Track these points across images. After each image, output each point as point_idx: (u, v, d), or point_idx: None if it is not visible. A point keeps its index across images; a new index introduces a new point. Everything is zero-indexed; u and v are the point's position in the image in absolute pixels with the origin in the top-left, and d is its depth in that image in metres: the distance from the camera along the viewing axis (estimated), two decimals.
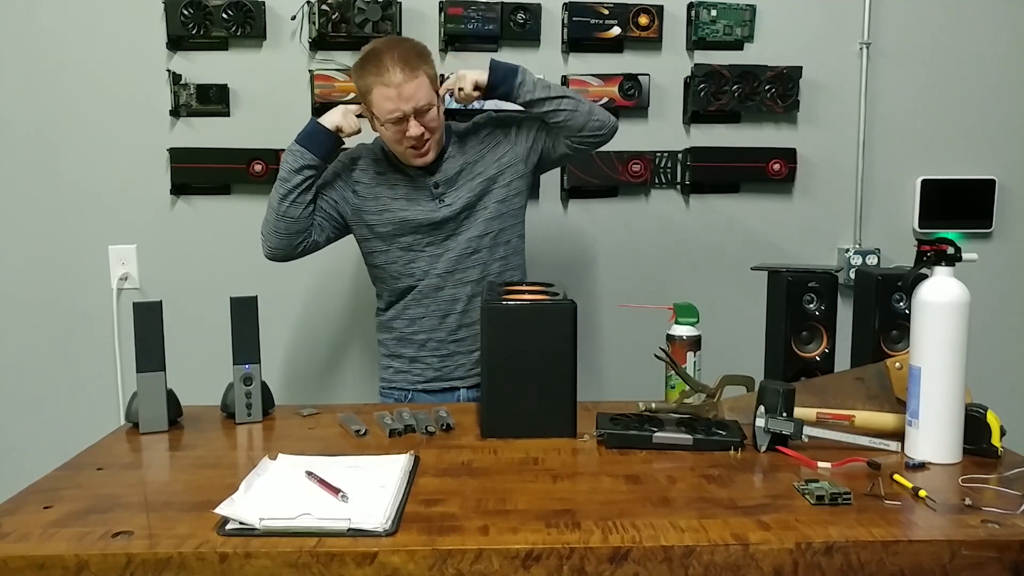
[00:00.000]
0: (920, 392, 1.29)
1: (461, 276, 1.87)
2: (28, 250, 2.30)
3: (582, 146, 1.86)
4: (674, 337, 1.65)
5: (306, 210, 1.82)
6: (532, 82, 1.81)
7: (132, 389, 1.53)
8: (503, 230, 1.89)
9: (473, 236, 1.86)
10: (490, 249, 1.88)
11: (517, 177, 1.89)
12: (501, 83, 1.81)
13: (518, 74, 1.81)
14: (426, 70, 1.78)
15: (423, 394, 1.92)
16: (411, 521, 1.09)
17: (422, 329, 1.90)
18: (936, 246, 1.31)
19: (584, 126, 1.82)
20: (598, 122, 1.82)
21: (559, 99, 1.81)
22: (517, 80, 1.80)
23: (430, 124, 1.78)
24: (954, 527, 1.07)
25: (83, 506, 1.15)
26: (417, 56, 1.77)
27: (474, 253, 1.87)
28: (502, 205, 1.88)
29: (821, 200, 2.41)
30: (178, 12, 2.20)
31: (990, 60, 2.39)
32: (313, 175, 1.82)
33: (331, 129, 1.81)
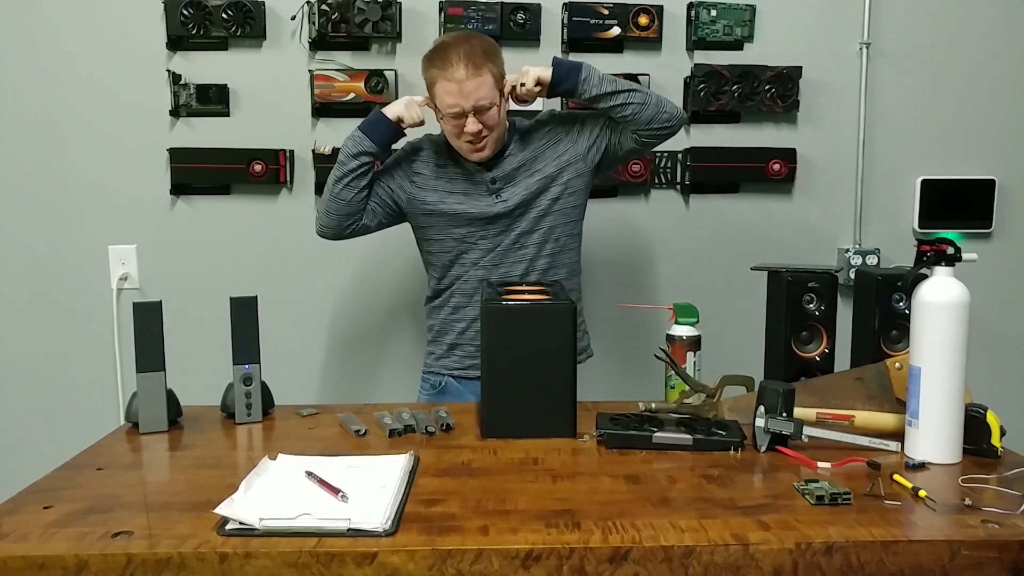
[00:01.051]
0: (920, 392, 1.29)
1: (506, 270, 1.89)
2: (28, 250, 2.30)
3: (651, 139, 1.85)
4: (674, 337, 1.65)
5: (359, 194, 1.85)
6: (598, 77, 1.81)
7: (132, 389, 1.53)
8: (554, 227, 1.89)
9: (523, 231, 1.88)
10: (538, 245, 1.89)
11: (575, 176, 1.89)
12: (565, 79, 1.81)
13: (582, 70, 1.81)
14: (491, 68, 1.79)
15: (455, 381, 1.96)
16: (411, 521, 1.09)
17: (464, 318, 1.93)
18: (936, 246, 1.31)
19: (653, 119, 1.80)
20: (666, 114, 1.81)
21: (627, 92, 1.80)
22: (582, 76, 1.80)
23: (489, 122, 1.80)
24: (954, 527, 1.07)
25: (83, 506, 1.15)
26: (484, 54, 1.79)
27: (521, 248, 1.89)
28: (556, 203, 1.88)
29: (821, 200, 2.41)
30: (178, 12, 2.20)
31: (990, 60, 2.39)
32: (370, 161, 1.85)
33: (392, 119, 1.84)
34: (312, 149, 2.29)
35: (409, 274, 2.16)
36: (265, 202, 2.32)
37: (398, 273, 2.34)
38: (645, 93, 1.81)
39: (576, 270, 1.97)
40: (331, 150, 2.27)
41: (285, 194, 2.31)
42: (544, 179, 1.87)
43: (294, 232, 2.31)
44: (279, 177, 2.29)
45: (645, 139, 1.84)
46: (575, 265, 1.96)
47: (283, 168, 2.28)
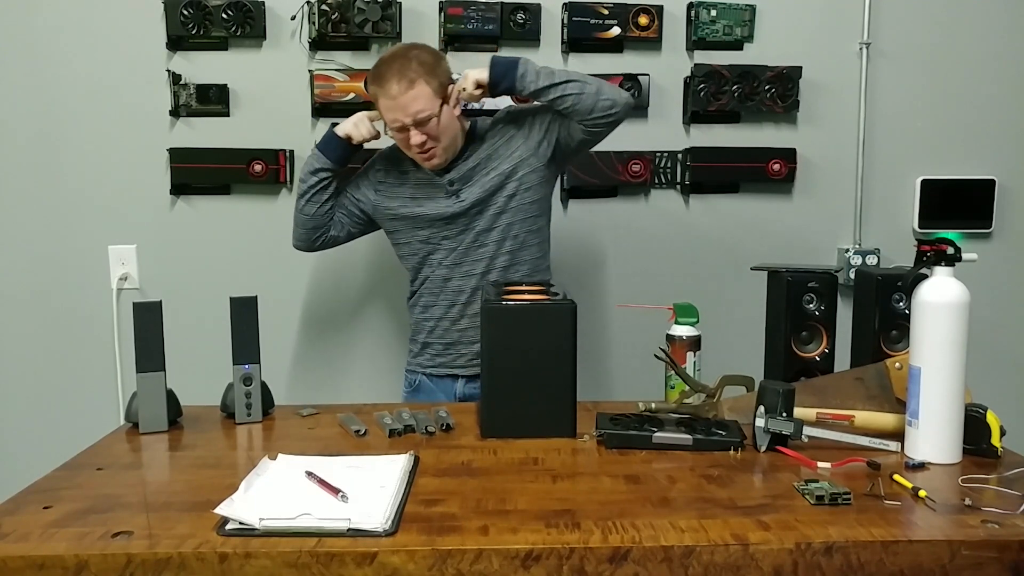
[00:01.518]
0: (920, 392, 1.29)
1: (468, 268, 1.92)
2: (28, 250, 2.30)
3: (597, 128, 1.83)
4: (674, 337, 1.65)
5: (322, 208, 1.96)
6: (535, 72, 1.80)
7: (132, 389, 1.53)
8: (512, 224, 1.90)
9: (482, 230, 1.90)
10: (497, 243, 1.90)
11: (529, 171, 1.89)
12: (502, 78, 1.81)
13: (518, 67, 1.81)
14: (427, 80, 1.81)
15: (427, 379, 2.01)
16: (411, 521, 1.09)
17: (432, 317, 1.98)
18: (936, 246, 1.31)
19: (593, 108, 1.79)
20: (608, 101, 1.79)
21: (563, 84, 1.78)
22: (518, 73, 1.80)
23: (432, 132, 1.83)
24: (954, 527, 1.07)
25: (83, 506, 1.15)
26: (419, 66, 1.81)
27: (481, 247, 1.91)
28: (512, 200, 1.89)
29: (821, 200, 2.41)
30: (178, 12, 2.20)
31: (990, 60, 2.39)
32: (328, 177, 1.95)
33: (343, 137, 1.93)
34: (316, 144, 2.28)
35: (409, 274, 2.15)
36: (265, 202, 2.32)
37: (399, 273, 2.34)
38: (582, 83, 1.79)
39: (540, 267, 1.96)
40: None
41: (285, 194, 2.31)
42: (499, 176, 1.89)
43: None
44: (279, 177, 2.29)
45: (591, 129, 1.83)
46: (538, 262, 1.96)
47: (283, 168, 2.28)
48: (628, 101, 1.82)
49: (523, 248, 1.92)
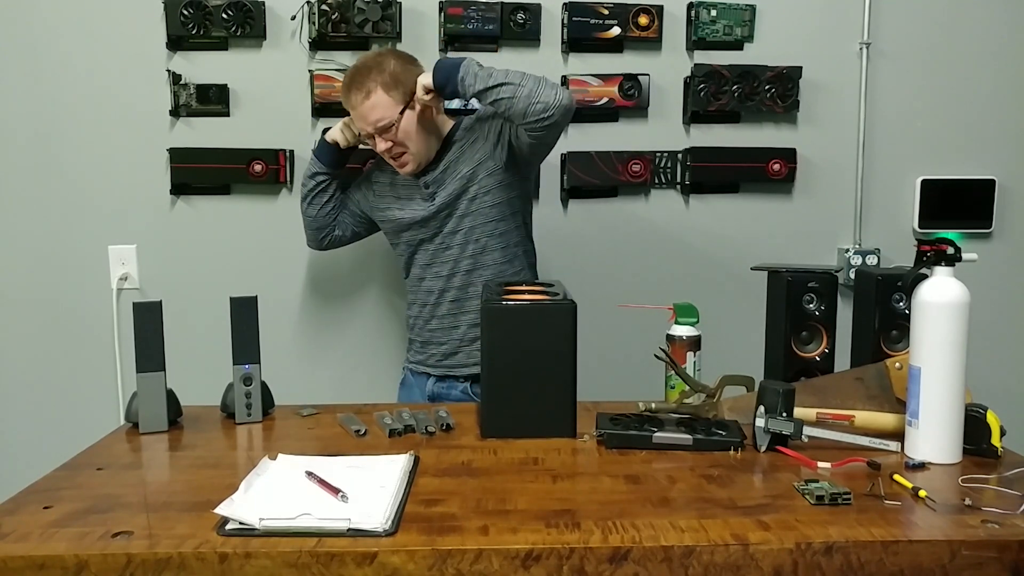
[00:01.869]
0: (920, 392, 1.29)
1: (437, 270, 1.96)
2: (28, 250, 2.30)
3: (536, 131, 1.77)
4: (674, 337, 1.65)
5: (323, 210, 2.04)
6: (474, 74, 1.77)
7: (132, 389, 1.53)
8: (473, 228, 1.91)
9: (449, 232, 1.93)
10: (461, 246, 1.93)
11: (488, 175, 1.89)
12: (446, 82, 1.79)
13: (460, 69, 1.77)
14: (387, 88, 1.83)
15: (411, 375, 2.08)
16: (411, 521, 1.09)
17: (412, 315, 2.06)
18: (936, 246, 1.31)
19: (526, 111, 1.73)
20: (540, 105, 1.72)
21: (497, 87, 1.74)
22: (458, 76, 1.77)
23: (396, 139, 1.86)
24: (954, 527, 1.07)
25: (83, 506, 1.15)
26: (378, 75, 1.84)
27: (447, 249, 1.94)
28: (474, 203, 1.90)
29: (821, 200, 2.41)
30: (178, 12, 2.20)
31: (990, 60, 2.39)
32: (325, 181, 2.03)
33: (331, 142, 2.00)
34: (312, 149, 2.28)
35: None
36: (265, 202, 2.32)
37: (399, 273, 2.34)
38: (516, 86, 1.73)
39: (504, 272, 1.94)
40: None
41: (285, 194, 2.31)
42: (462, 179, 1.90)
43: (294, 232, 2.30)
44: (279, 177, 2.28)
45: (530, 132, 1.78)
46: (502, 267, 1.94)
47: (283, 168, 2.28)
48: (563, 103, 1.74)
49: (485, 252, 1.92)
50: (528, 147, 1.84)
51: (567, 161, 2.31)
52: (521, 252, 1.98)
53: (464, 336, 1.96)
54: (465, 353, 1.97)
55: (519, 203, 1.96)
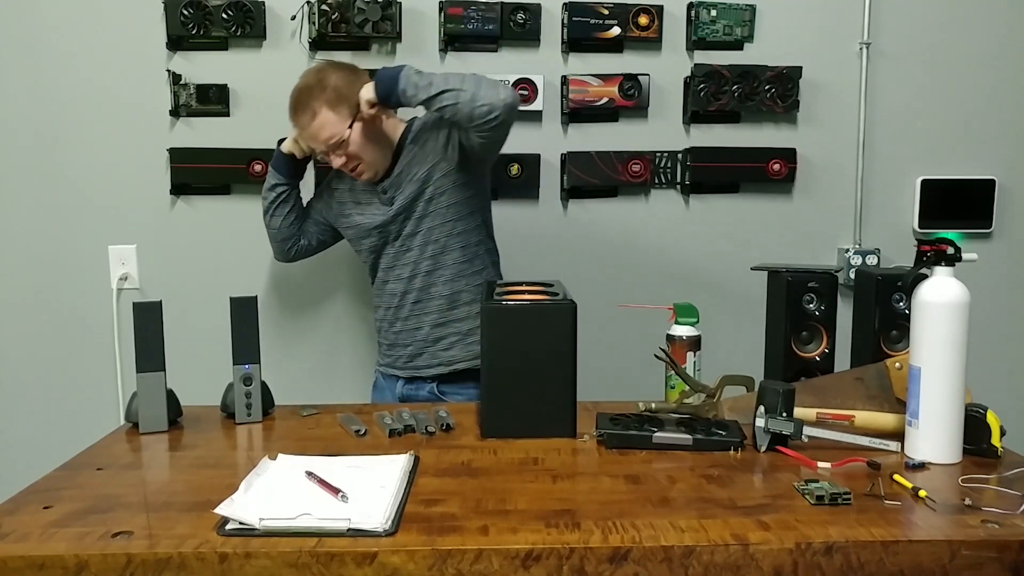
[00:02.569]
0: (920, 392, 1.29)
1: (399, 272, 1.96)
2: (28, 250, 2.30)
3: (483, 134, 1.76)
4: (674, 337, 1.65)
5: (286, 220, 2.05)
6: (414, 84, 1.75)
7: (132, 389, 1.53)
8: (432, 229, 1.91)
9: (408, 234, 1.93)
10: (420, 248, 1.93)
11: (442, 175, 1.89)
12: (388, 93, 1.77)
13: (399, 80, 1.76)
14: (333, 106, 1.83)
15: (382, 377, 2.09)
16: (411, 521, 1.09)
17: (378, 318, 2.06)
18: (936, 246, 1.31)
19: (471, 115, 1.72)
20: (484, 107, 1.71)
21: (439, 95, 1.73)
22: (399, 87, 1.76)
23: (350, 153, 1.86)
24: (954, 527, 1.07)
25: (83, 506, 1.15)
26: (321, 93, 1.84)
27: (408, 251, 1.94)
28: (431, 204, 1.90)
29: (821, 200, 2.41)
30: (178, 12, 2.20)
31: (990, 60, 2.39)
32: (284, 192, 2.03)
33: (286, 153, 2.00)
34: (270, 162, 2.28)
35: None
36: None
37: None
38: (458, 91, 1.72)
39: (464, 272, 1.94)
40: None
41: None
42: (418, 182, 1.89)
43: None
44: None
45: (477, 135, 1.78)
46: (462, 267, 1.93)
47: None
48: (508, 102, 1.72)
49: (445, 252, 1.92)
50: (478, 147, 1.82)
51: (567, 161, 2.31)
52: (483, 251, 1.97)
53: (428, 337, 1.96)
54: (430, 354, 1.96)
55: (476, 202, 1.94)
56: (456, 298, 1.93)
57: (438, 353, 1.95)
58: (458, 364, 1.95)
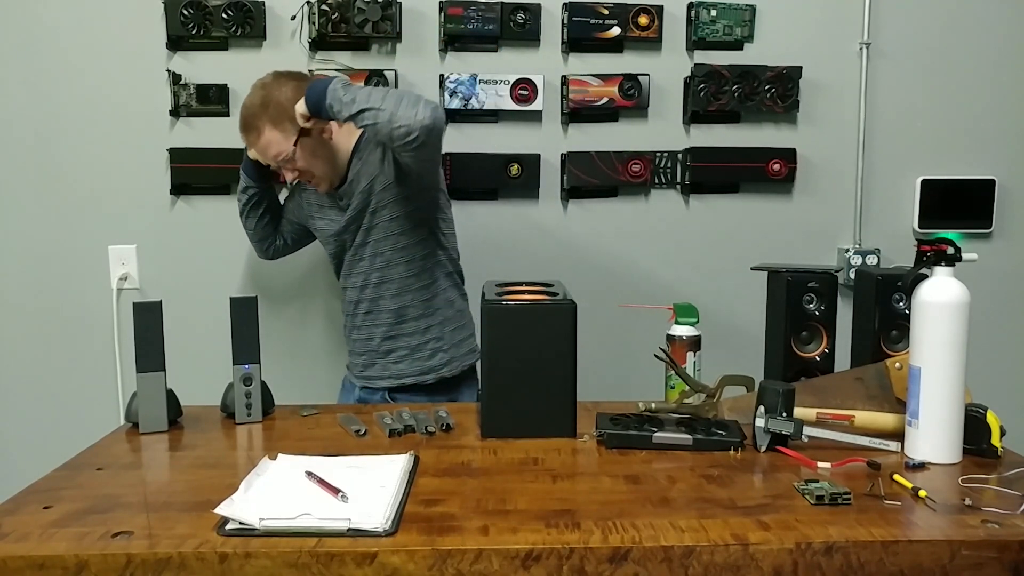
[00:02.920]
0: (920, 392, 1.29)
1: (353, 281, 1.96)
2: (28, 250, 2.30)
3: (405, 153, 1.72)
4: (674, 337, 1.65)
5: (260, 222, 2.06)
6: (339, 100, 1.68)
7: (132, 389, 1.53)
8: (378, 241, 1.89)
9: (359, 244, 1.92)
10: (369, 259, 1.91)
11: (383, 188, 1.85)
12: (317, 108, 1.72)
13: (326, 95, 1.69)
14: (276, 122, 1.81)
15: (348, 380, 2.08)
16: (411, 521, 1.09)
17: (343, 323, 2.06)
18: (936, 246, 1.31)
19: (391, 135, 1.66)
20: (402, 129, 1.63)
21: (360, 113, 1.66)
22: (325, 103, 1.70)
23: (300, 166, 1.85)
24: (954, 527, 1.07)
25: (83, 506, 1.15)
26: (263, 111, 1.82)
27: (360, 261, 1.93)
28: (375, 216, 1.88)
29: (821, 200, 2.41)
30: (178, 12, 2.20)
31: (990, 60, 2.39)
32: (255, 194, 2.03)
33: (252, 158, 1.97)
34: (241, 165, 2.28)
35: None
36: None
37: None
38: (377, 110, 1.65)
39: (410, 287, 1.90)
40: None
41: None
42: (364, 193, 1.87)
43: None
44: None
45: (400, 154, 1.75)
46: (407, 282, 1.90)
47: None
48: (425, 124, 1.63)
49: (390, 266, 1.90)
50: (407, 165, 1.79)
51: (567, 161, 2.31)
52: (431, 265, 1.92)
53: (379, 348, 1.94)
54: (381, 365, 1.95)
55: (422, 215, 1.89)
56: (403, 312, 1.91)
57: (388, 365, 1.94)
58: (406, 378, 1.93)
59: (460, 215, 2.15)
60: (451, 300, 1.97)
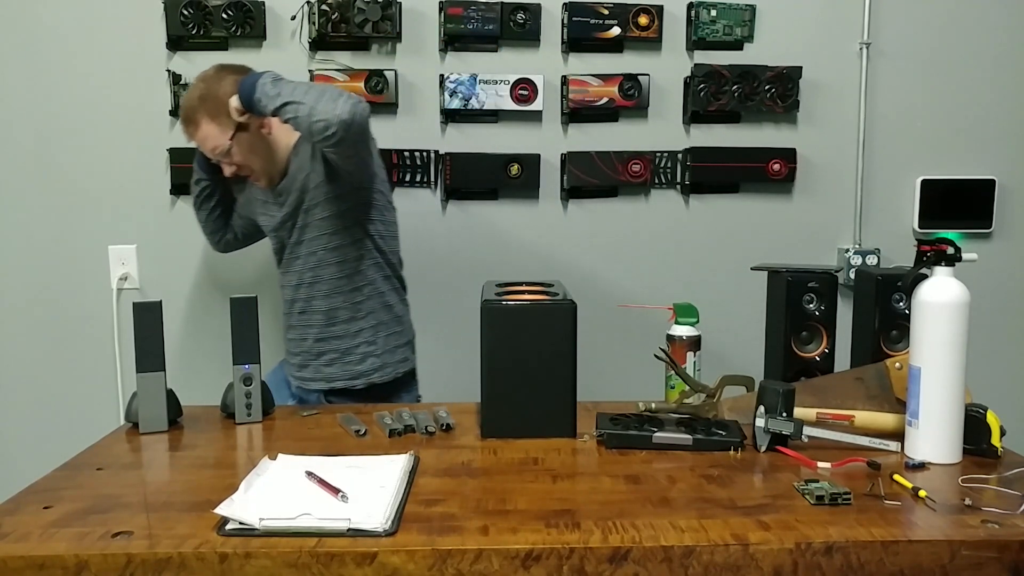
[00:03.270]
0: (920, 392, 1.29)
1: (289, 279, 1.94)
2: (28, 250, 2.30)
3: (327, 149, 1.71)
4: (674, 337, 1.65)
5: (211, 215, 2.07)
6: (266, 94, 1.68)
7: (132, 389, 1.53)
8: (312, 240, 1.87)
9: (295, 242, 1.91)
10: (304, 258, 1.89)
11: (314, 187, 1.83)
12: (249, 102, 1.71)
13: (256, 89, 1.69)
14: (213, 116, 1.80)
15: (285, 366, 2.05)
16: (411, 521, 1.09)
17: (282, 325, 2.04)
18: (936, 246, 1.31)
19: (311, 130, 1.64)
20: (321, 123, 1.62)
21: (283, 107, 1.66)
22: (255, 96, 1.69)
23: (237, 160, 1.85)
24: (954, 527, 1.07)
25: (83, 506, 1.15)
26: (201, 103, 1.81)
27: (297, 259, 1.91)
28: (307, 215, 1.86)
29: (821, 200, 2.41)
30: (178, 12, 2.20)
31: (990, 60, 2.39)
32: (207, 186, 2.03)
33: None
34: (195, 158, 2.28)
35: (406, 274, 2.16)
36: None
37: None
38: (298, 104, 1.64)
39: (341, 289, 1.88)
40: None
41: None
42: (298, 190, 1.86)
43: None
44: None
45: (324, 150, 1.73)
46: (338, 283, 1.87)
47: None
48: (344, 118, 1.61)
49: (322, 266, 1.87)
50: (334, 161, 1.77)
51: (567, 161, 2.31)
52: (365, 267, 1.88)
53: (311, 350, 1.91)
54: (314, 368, 1.93)
55: (356, 215, 1.85)
56: (334, 315, 1.89)
57: (320, 368, 1.91)
58: (336, 383, 1.90)
59: (460, 215, 2.16)
60: (388, 305, 1.93)
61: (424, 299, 2.23)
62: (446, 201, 2.32)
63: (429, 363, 2.14)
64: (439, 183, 2.31)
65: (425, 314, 2.21)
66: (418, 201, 2.31)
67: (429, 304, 2.29)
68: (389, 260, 1.94)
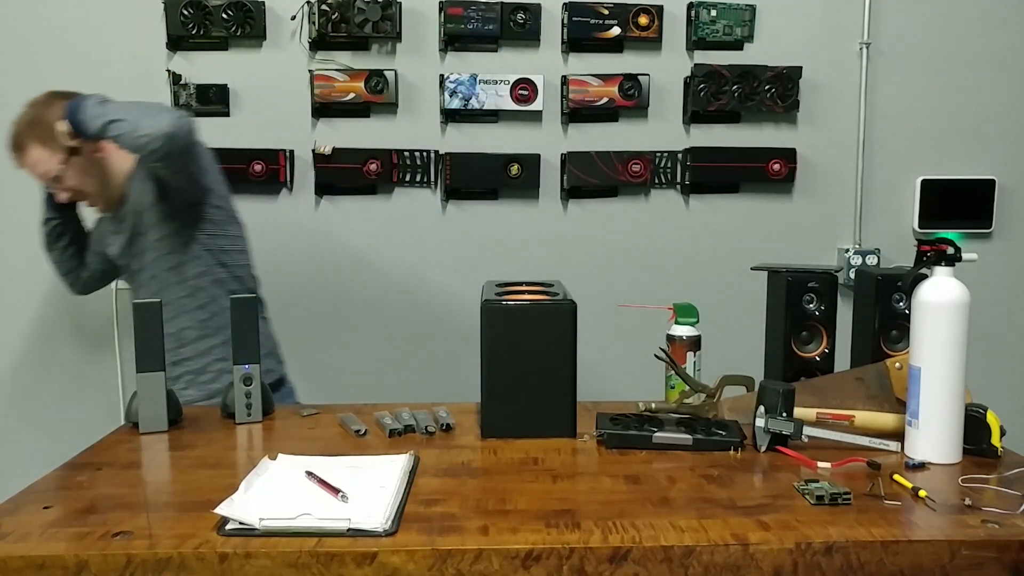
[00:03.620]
0: (920, 392, 1.29)
1: None
2: (28, 250, 2.30)
3: (153, 165, 1.71)
4: (674, 337, 1.64)
5: (63, 254, 2.00)
6: (92, 115, 1.67)
7: (132, 389, 1.53)
8: (152, 263, 1.85)
9: (135, 270, 1.89)
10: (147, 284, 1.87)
11: (148, 208, 1.82)
12: (76, 124, 1.69)
13: (79, 111, 1.68)
14: (41, 141, 1.77)
15: None
16: (411, 521, 1.09)
17: None
18: (936, 246, 1.31)
19: (136, 147, 1.66)
20: (144, 138, 1.63)
21: (107, 125, 1.65)
22: (79, 118, 1.67)
23: (68, 185, 1.82)
24: (954, 527, 1.06)
25: (83, 506, 1.15)
26: (30, 129, 1.79)
27: (141, 287, 1.89)
28: (144, 239, 1.84)
29: (821, 200, 2.41)
30: (178, 12, 2.20)
31: (990, 60, 2.39)
32: (56, 224, 1.97)
33: None
34: (312, 149, 2.29)
35: (407, 274, 2.16)
36: (265, 202, 2.32)
37: (395, 274, 2.34)
38: (121, 121, 1.64)
39: (185, 309, 1.85)
40: (331, 150, 2.27)
41: (285, 194, 2.31)
42: (134, 214, 1.84)
43: (294, 232, 2.31)
44: (279, 177, 2.29)
45: (152, 166, 1.73)
46: (182, 303, 1.84)
47: (283, 168, 2.29)
48: (166, 132, 1.63)
49: (164, 289, 1.84)
50: (164, 177, 1.76)
51: (567, 161, 2.31)
52: (208, 284, 1.86)
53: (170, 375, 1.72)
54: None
55: (192, 232, 1.83)
56: (181, 336, 1.86)
57: (181, 392, 1.80)
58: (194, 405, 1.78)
59: (460, 215, 2.16)
60: None
61: (424, 299, 2.23)
62: (446, 201, 2.33)
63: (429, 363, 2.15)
64: (439, 183, 2.32)
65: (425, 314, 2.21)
66: (418, 201, 2.31)
67: (429, 304, 2.29)
68: (236, 275, 1.91)
